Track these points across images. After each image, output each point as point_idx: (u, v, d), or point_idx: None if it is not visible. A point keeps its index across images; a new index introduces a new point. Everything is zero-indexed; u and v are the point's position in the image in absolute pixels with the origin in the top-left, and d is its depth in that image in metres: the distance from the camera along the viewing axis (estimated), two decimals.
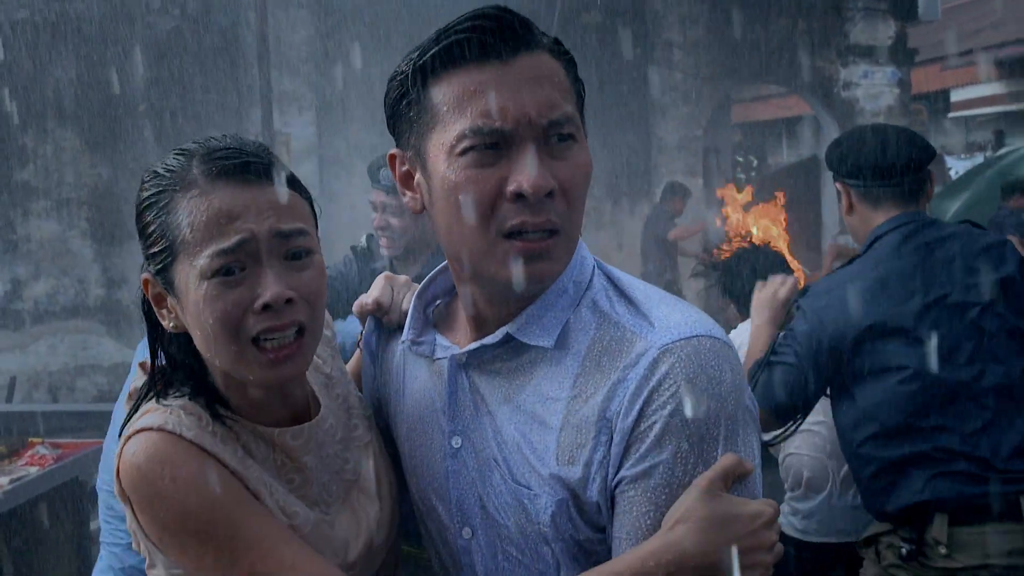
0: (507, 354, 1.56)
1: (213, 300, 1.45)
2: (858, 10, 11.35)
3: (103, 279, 9.78)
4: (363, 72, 10.18)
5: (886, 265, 3.06)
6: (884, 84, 11.41)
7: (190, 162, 1.50)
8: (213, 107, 9.74)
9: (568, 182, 1.46)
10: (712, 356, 1.42)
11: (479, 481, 1.57)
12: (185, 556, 1.46)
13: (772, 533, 1.40)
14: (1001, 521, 2.89)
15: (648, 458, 1.40)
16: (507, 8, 1.49)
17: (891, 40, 11.46)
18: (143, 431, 1.48)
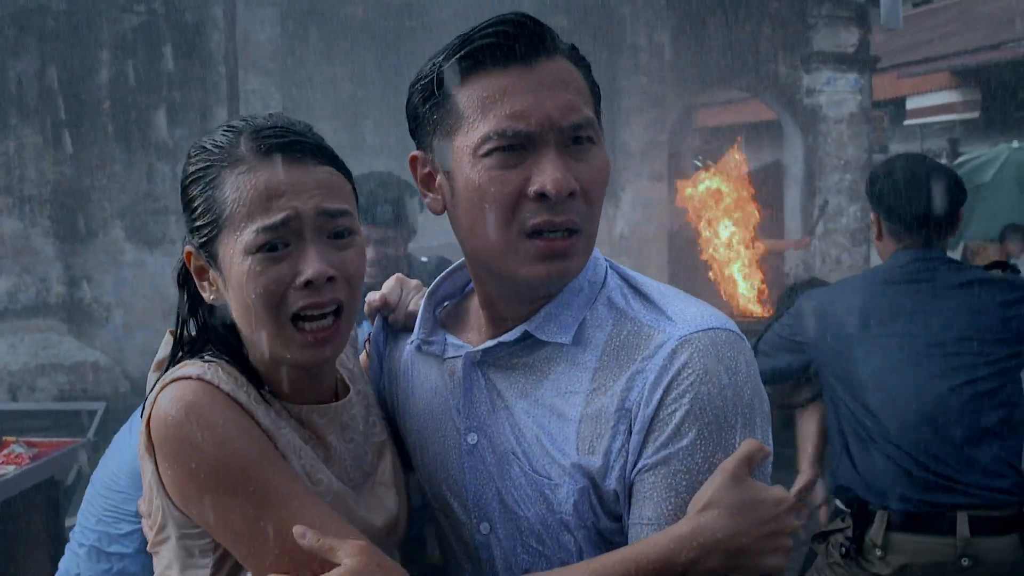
0: (524, 351, 1.61)
1: (256, 275, 1.48)
2: (821, 17, 11.47)
3: (65, 277, 9.68)
4: (330, 72, 10.15)
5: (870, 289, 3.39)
6: (847, 91, 11.55)
7: (238, 138, 1.54)
8: (178, 105, 9.67)
9: (588, 183, 1.52)
10: (728, 347, 1.48)
11: (497, 475, 1.60)
12: (209, 510, 1.46)
13: (792, 518, 1.45)
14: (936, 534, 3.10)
15: (669, 445, 1.45)
16: (528, 15, 1.54)
17: (854, 48, 11.60)
18: (180, 379, 1.49)
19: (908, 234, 3.39)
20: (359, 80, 10.19)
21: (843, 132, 11.60)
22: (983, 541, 3.09)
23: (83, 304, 9.73)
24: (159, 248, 9.70)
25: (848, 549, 3.23)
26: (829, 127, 11.60)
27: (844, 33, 11.52)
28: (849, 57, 11.58)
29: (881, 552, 3.16)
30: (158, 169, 9.66)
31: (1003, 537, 3.10)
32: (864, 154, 11.68)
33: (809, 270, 11.66)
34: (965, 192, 3.43)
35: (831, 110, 11.59)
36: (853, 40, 11.56)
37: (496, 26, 1.52)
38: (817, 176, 11.64)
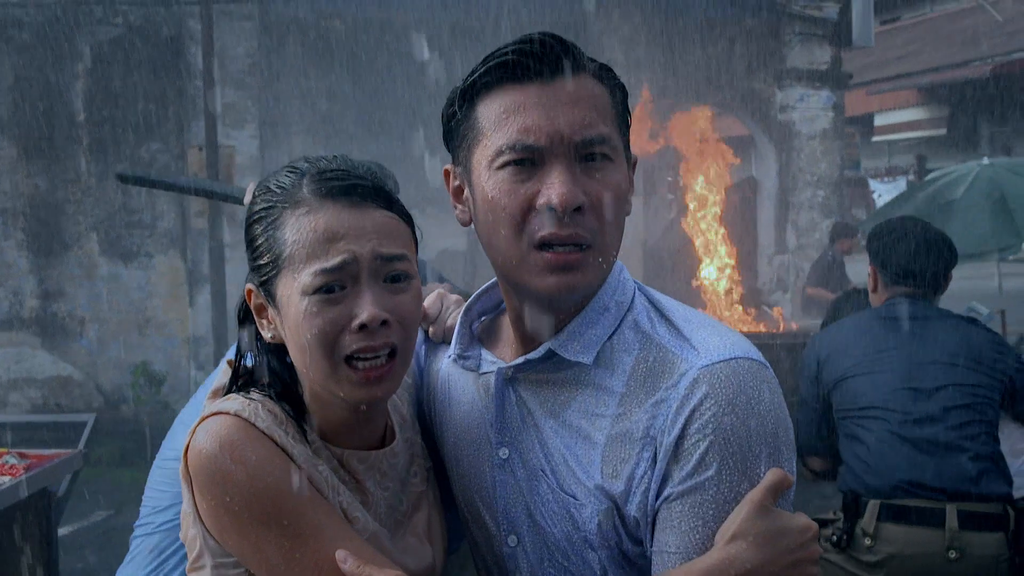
0: (551, 369, 1.62)
1: (312, 316, 1.50)
2: (795, 35, 11.58)
3: (39, 291, 9.61)
4: (306, 86, 10.15)
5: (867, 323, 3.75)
6: (820, 108, 11.65)
7: (300, 180, 1.56)
8: (154, 118, 9.63)
9: (599, 199, 1.52)
10: (750, 377, 1.48)
11: (526, 490, 1.62)
12: (244, 541, 1.49)
13: (818, 546, 1.47)
14: (925, 525, 3.29)
15: (694, 476, 1.45)
16: (554, 35, 1.56)
17: (827, 65, 11.71)
18: (218, 414, 1.52)
19: (902, 287, 3.71)
20: (336, 95, 10.19)
21: (816, 148, 11.71)
22: (971, 535, 3.25)
23: (57, 318, 9.67)
24: (134, 262, 9.66)
25: (840, 539, 3.38)
26: (802, 143, 11.70)
27: (817, 51, 11.63)
28: (822, 74, 11.69)
29: (871, 542, 3.33)
30: None
31: (991, 533, 3.27)
32: (837, 170, 11.80)
33: (783, 284, 11.75)
34: (956, 256, 3.73)
35: (804, 126, 11.69)
36: (826, 57, 11.67)
37: (519, 44, 1.54)
38: (790, 191, 11.73)
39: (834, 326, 3.99)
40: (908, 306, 3.65)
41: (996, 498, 3.32)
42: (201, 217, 9.50)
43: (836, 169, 11.80)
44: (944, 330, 3.59)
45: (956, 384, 3.44)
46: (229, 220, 9.60)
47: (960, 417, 3.39)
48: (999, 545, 3.28)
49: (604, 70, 1.60)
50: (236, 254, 9.63)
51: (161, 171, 9.55)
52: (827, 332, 3.99)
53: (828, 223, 11.80)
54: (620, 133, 1.58)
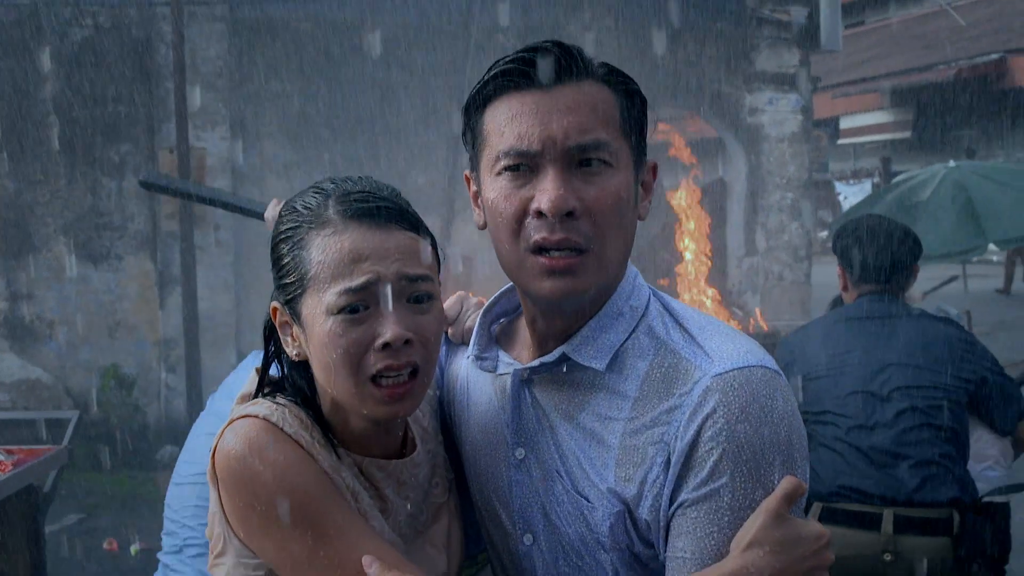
0: (565, 372, 1.65)
1: (337, 336, 1.54)
2: (764, 38, 11.66)
3: (7, 293, 9.53)
4: (277, 88, 10.12)
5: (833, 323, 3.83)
6: (788, 111, 11.73)
7: (326, 201, 1.61)
8: (125, 120, 9.57)
9: (594, 204, 1.55)
10: (763, 385, 1.51)
11: (542, 491, 1.65)
12: (269, 540, 1.52)
13: (831, 552, 1.50)
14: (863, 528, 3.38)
15: (708, 483, 1.48)
16: (559, 42, 1.60)
17: (795, 68, 11.79)
18: (246, 417, 1.57)
19: (869, 284, 3.78)
20: (308, 97, 10.16)
21: (785, 151, 11.78)
22: (908, 539, 3.34)
23: (25, 321, 9.58)
24: (103, 264, 9.59)
25: None
26: (771, 146, 11.77)
27: (786, 54, 11.71)
28: (790, 77, 11.77)
29: None
30: (103, 184, 9.55)
31: (930, 538, 3.35)
32: (805, 172, 11.88)
33: (752, 286, 11.82)
34: (921, 248, 3.80)
35: (773, 129, 11.77)
36: (794, 61, 11.75)
37: (522, 52, 1.59)
38: (760, 194, 11.80)
39: (802, 328, 4.06)
40: (874, 305, 3.72)
41: (941, 504, 3.37)
42: (172, 219, 9.45)
43: (805, 172, 11.88)
44: (909, 330, 3.63)
45: (912, 387, 3.50)
46: (200, 222, 9.56)
47: (910, 421, 3.44)
48: (940, 548, 3.34)
49: (615, 75, 1.63)
50: (207, 256, 9.60)
51: (133, 172, 9.49)
52: (795, 334, 4.05)
53: (797, 225, 11.89)
54: (626, 138, 1.60)
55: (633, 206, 1.63)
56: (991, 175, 10.77)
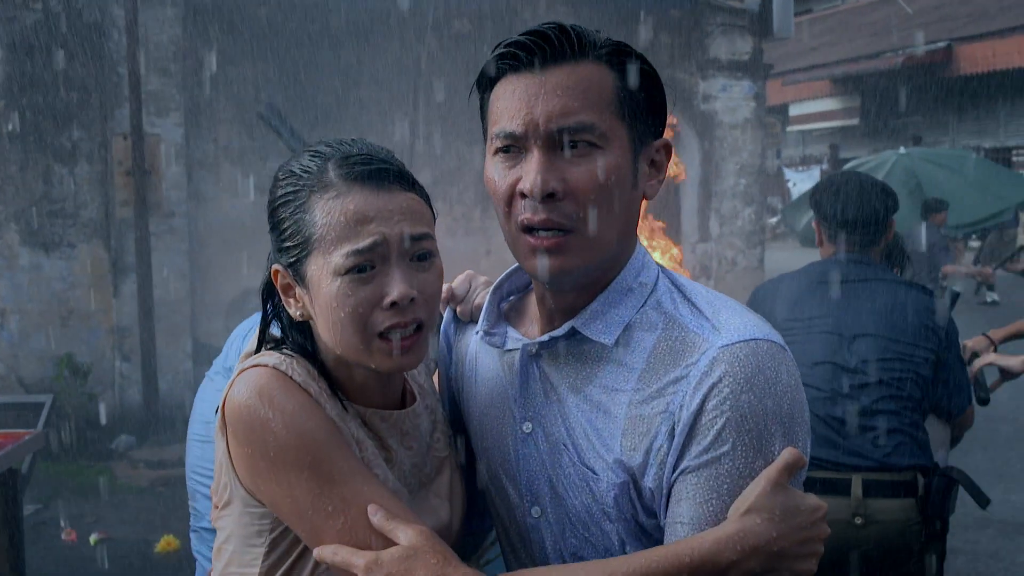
0: (574, 346, 1.69)
1: (345, 296, 1.58)
2: (717, 26, 11.76)
3: None
4: (232, 73, 10.04)
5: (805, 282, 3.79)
6: (741, 98, 11.85)
7: (326, 164, 1.64)
8: (77, 105, 9.45)
9: (577, 185, 1.58)
10: (769, 358, 1.55)
11: (549, 463, 1.69)
12: (276, 486, 1.56)
13: (825, 525, 1.53)
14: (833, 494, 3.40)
15: (711, 450, 1.52)
16: (561, 24, 1.62)
17: (748, 55, 11.91)
18: (256, 366, 1.61)
19: (842, 239, 3.76)
20: (263, 83, 10.10)
21: (738, 138, 11.90)
22: (877, 502, 3.41)
23: None
24: (56, 252, 9.47)
25: None
26: (725, 132, 11.89)
27: (739, 41, 11.82)
28: (744, 64, 11.88)
29: None
30: (55, 171, 9.42)
31: (897, 499, 3.43)
32: (758, 159, 12.01)
33: (706, 271, 11.94)
34: (896, 203, 3.78)
35: (727, 116, 11.88)
36: (747, 48, 11.87)
37: (523, 35, 1.62)
38: (713, 180, 11.91)
39: (774, 284, 4.01)
40: (849, 268, 3.71)
41: (906, 468, 3.46)
42: (126, 207, 9.37)
43: (758, 158, 12.01)
44: (879, 295, 3.65)
45: (882, 359, 3.53)
46: (154, 209, 9.48)
47: (878, 393, 3.49)
48: (907, 510, 3.43)
49: (620, 56, 1.64)
50: (161, 243, 9.52)
51: (86, 159, 9.38)
52: (765, 288, 4.02)
53: (750, 211, 12.02)
54: (623, 118, 1.62)
55: (631, 185, 1.64)
56: (940, 161, 11.00)
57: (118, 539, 6.77)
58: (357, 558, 1.50)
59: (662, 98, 1.71)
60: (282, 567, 1.65)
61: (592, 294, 1.67)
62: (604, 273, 1.67)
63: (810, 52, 25.41)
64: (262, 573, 1.65)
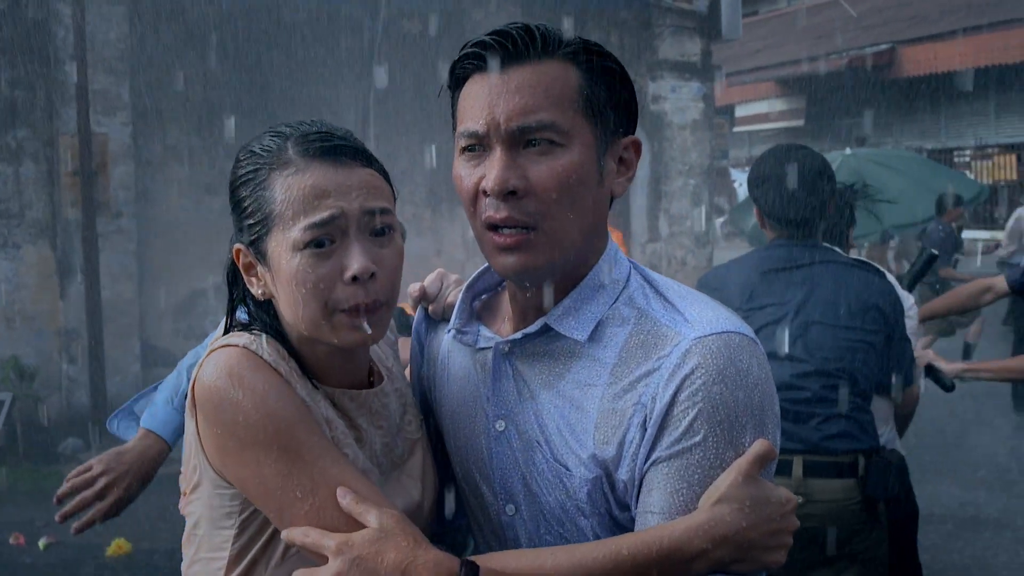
0: (546, 342, 1.69)
1: (304, 270, 1.59)
2: (667, 27, 11.85)
3: None
4: (181, 72, 9.95)
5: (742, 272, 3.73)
6: (690, 99, 11.95)
7: (285, 143, 1.65)
8: (22, 104, 9.32)
9: (538, 184, 1.59)
10: (740, 350, 1.56)
11: (523, 461, 1.69)
12: (245, 466, 1.56)
13: (795, 517, 1.56)
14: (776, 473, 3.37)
15: (682, 440, 1.53)
16: (527, 24, 1.64)
17: (697, 57, 12.01)
18: (227, 346, 1.61)
19: (780, 225, 3.69)
20: (212, 81, 10.01)
21: (687, 138, 12.01)
22: (817, 482, 3.45)
23: None
24: (1, 253, 9.34)
25: None
26: (674, 133, 11.98)
27: (688, 43, 11.92)
28: (692, 66, 11.98)
29: None
30: (0, 171, 9.28)
31: (838, 480, 3.46)
32: (707, 159, 12.12)
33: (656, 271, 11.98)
34: (834, 180, 3.69)
35: (676, 117, 11.98)
36: (696, 50, 11.98)
37: (489, 35, 1.64)
38: (663, 181, 12.00)
39: (720, 271, 3.96)
40: (792, 251, 3.65)
41: (847, 452, 3.49)
42: (73, 207, 9.25)
43: (706, 159, 12.12)
44: (827, 280, 3.60)
45: (824, 346, 3.50)
46: (102, 209, 9.37)
47: (824, 381, 3.48)
48: (847, 490, 3.46)
49: (586, 54, 1.65)
50: (109, 244, 9.41)
51: (31, 158, 9.25)
52: (712, 276, 3.95)
53: (698, 211, 12.13)
54: (588, 116, 1.63)
55: (595, 183, 1.65)
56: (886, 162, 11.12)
57: (68, 543, 6.68)
58: (327, 540, 1.49)
59: (630, 96, 1.72)
60: (252, 549, 1.64)
61: (564, 291, 1.68)
62: (575, 270, 1.69)
63: (755, 54, 25.63)
64: (232, 556, 1.65)
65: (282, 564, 1.63)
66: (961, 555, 6.35)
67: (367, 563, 1.46)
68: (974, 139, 23.41)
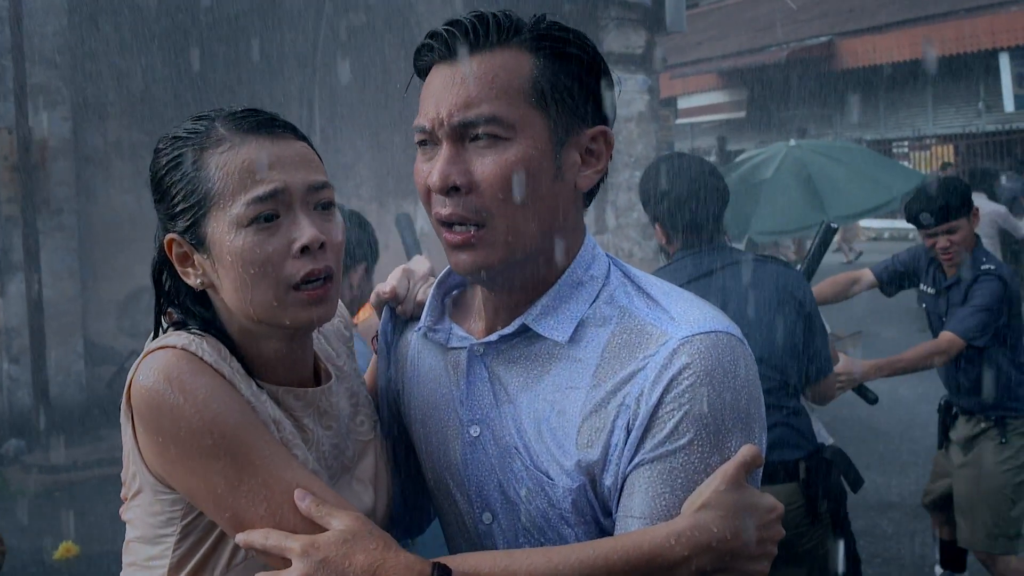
0: (524, 343, 1.62)
1: (252, 247, 1.52)
2: (611, 19, 11.84)
3: None
4: (121, 66, 9.79)
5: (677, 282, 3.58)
6: (636, 91, 11.96)
7: (213, 123, 1.58)
8: None
9: (483, 178, 1.52)
10: (728, 351, 1.50)
11: (499, 468, 1.62)
12: (191, 474, 1.48)
13: (780, 526, 1.50)
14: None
15: (666, 443, 1.46)
16: (481, 12, 1.58)
17: (641, 49, 12.03)
18: (164, 348, 1.51)
19: (687, 234, 3.65)
20: (154, 74, 9.86)
21: (633, 131, 12.02)
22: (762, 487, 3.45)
23: None
24: None
25: None
26: (619, 126, 11.98)
27: (633, 35, 11.93)
28: (637, 58, 12.00)
29: None
30: None
31: (779, 485, 3.46)
32: (653, 151, 12.13)
33: None
34: (727, 192, 3.68)
35: (621, 109, 11.97)
36: (641, 42, 11.99)
37: (444, 26, 1.58)
38: (609, 172, 11.98)
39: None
40: (696, 260, 3.59)
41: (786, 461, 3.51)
42: (12, 203, 9.06)
43: (652, 151, 12.14)
44: (740, 283, 3.54)
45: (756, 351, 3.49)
46: (42, 206, 9.19)
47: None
48: (789, 494, 3.47)
49: (547, 40, 1.57)
50: (50, 242, 9.24)
51: None
52: None
53: None
54: (541, 107, 1.55)
55: (551, 177, 1.56)
56: (829, 153, 11.21)
57: (13, 547, 6.53)
58: (291, 542, 1.43)
59: (600, 83, 1.61)
60: (195, 555, 1.57)
61: (536, 289, 1.61)
62: (544, 267, 1.61)
63: (697, 46, 25.80)
64: (173, 563, 1.56)
65: (228, 571, 1.57)
66: (912, 541, 6.42)
67: (334, 566, 1.40)
68: (912, 130, 23.77)
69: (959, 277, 4.81)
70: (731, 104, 25.94)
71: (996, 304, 4.65)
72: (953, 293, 4.86)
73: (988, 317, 4.64)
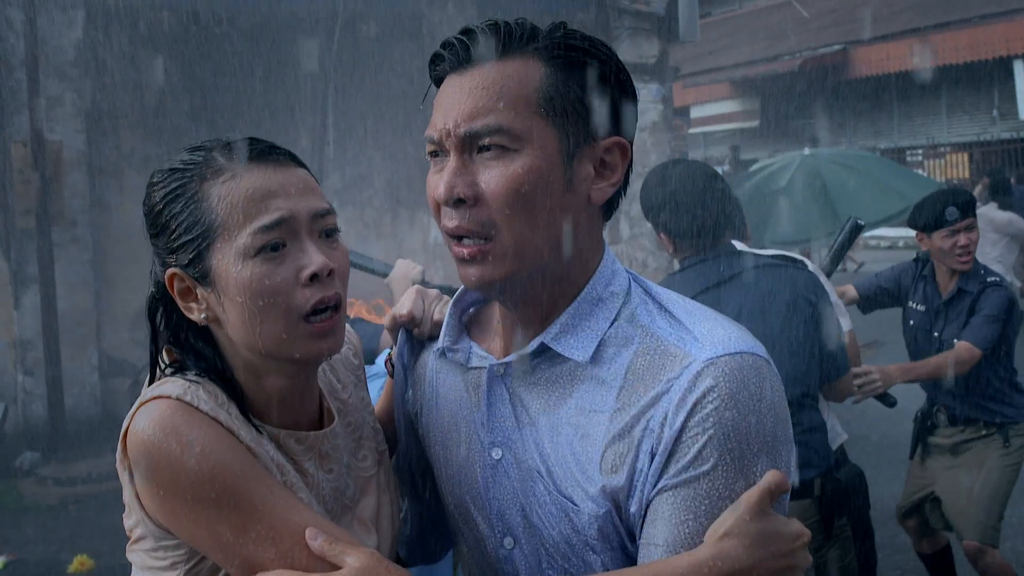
0: (545, 364, 1.57)
1: (260, 278, 1.49)
2: (625, 29, 11.81)
3: None
4: (135, 79, 9.81)
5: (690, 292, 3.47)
6: (650, 100, 11.91)
7: (211, 153, 1.54)
8: None
9: (488, 192, 1.49)
10: (754, 373, 1.45)
11: (521, 492, 1.57)
12: (195, 525, 1.45)
13: (808, 554, 1.45)
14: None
15: (690, 469, 1.42)
16: (495, 21, 1.55)
17: (655, 59, 11.99)
18: (159, 398, 1.47)
19: (693, 240, 3.56)
20: (166, 88, 9.88)
21: (646, 140, 11.97)
22: None
23: None
24: None
25: None
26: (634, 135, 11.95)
27: (646, 45, 11.89)
28: (651, 68, 11.96)
29: None
30: None
31: (796, 501, 3.38)
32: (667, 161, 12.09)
33: None
34: (724, 181, 3.60)
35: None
36: (655, 51, 11.95)
37: (457, 35, 1.55)
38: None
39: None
40: (707, 270, 3.52)
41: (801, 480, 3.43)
42: (27, 216, 9.07)
43: (666, 160, 12.09)
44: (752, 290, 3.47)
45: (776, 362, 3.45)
46: (57, 219, 9.20)
47: None
48: (804, 510, 3.44)
49: (562, 48, 1.53)
50: (65, 254, 9.25)
51: None
52: None
53: None
54: (551, 117, 1.50)
55: (561, 189, 1.51)
56: (843, 161, 11.18)
57: (28, 560, 6.54)
58: None
59: (618, 93, 1.56)
60: None
61: (554, 306, 1.57)
62: (560, 283, 1.56)
63: (710, 55, 25.78)
64: None
65: None
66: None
67: None
68: (926, 138, 23.68)
69: (959, 289, 4.86)
70: (744, 113, 25.90)
71: (1004, 314, 4.75)
72: (953, 307, 4.90)
73: (1000, 327, 4.74)
